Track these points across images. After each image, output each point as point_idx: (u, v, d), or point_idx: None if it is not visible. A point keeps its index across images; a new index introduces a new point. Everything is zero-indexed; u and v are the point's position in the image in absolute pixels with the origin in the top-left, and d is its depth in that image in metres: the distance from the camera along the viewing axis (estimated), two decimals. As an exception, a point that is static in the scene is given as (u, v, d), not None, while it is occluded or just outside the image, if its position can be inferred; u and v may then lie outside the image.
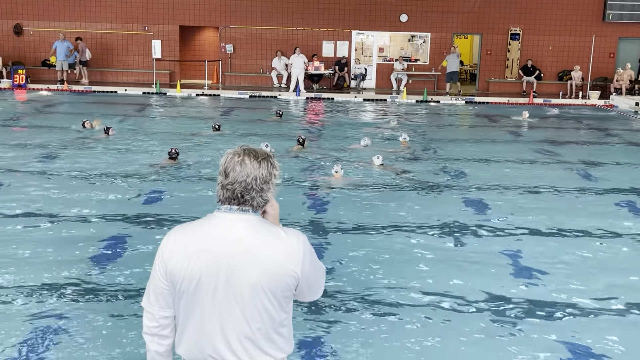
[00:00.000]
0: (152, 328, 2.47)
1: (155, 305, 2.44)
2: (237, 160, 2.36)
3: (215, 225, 2.38)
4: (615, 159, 12.11)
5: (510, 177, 10.21)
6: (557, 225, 7.74)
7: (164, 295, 2.42)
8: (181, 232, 2.43)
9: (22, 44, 23.30)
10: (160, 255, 2.41)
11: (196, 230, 2.41)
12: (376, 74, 23.74)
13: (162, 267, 2.39)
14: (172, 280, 2.38)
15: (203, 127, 14.50)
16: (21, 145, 11.84)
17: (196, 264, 2.34)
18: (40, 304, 5.31)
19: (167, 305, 2.43)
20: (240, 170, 2.34)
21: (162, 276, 2.40)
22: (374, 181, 9.69)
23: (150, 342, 2.49)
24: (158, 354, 2.50)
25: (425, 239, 7.20)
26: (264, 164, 2.37)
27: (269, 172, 2.38)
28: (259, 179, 2.35)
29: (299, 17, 23.14)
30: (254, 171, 2.34)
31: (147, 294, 2.47)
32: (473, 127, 16.64)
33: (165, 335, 2.48)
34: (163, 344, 2.48)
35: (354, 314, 5.28)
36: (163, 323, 2.46)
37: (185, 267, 2.34)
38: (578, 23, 23.06)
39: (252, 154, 2.38)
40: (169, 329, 2.47)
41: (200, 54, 24.53)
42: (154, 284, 2.44)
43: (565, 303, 5.56)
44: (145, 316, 2.48)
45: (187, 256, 2.35)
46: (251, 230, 2.35)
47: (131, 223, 7.37)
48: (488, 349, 4.77)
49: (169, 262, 2.37)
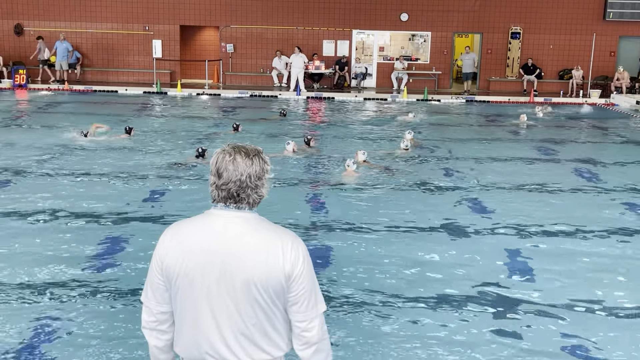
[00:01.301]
0: (150, 322, 2.49)
1: (153, 300, 2.46)
2: (229, 160, 2.35)
3: (211, 223, 2.38)
4: (616, 157, 12.11)
5: (512, 176, 10.20)
6: (560, 225, 7.74)
7: (161, 291, 2.44)
8: (177, 229, 2.44)
9: (23, 44, 23.30)
10: (157, 252, 2.43)
11: (192, 227, 2.42)
12: (377, 73, 23.74)
13: (158, 264, 2.41)
14: (168, 276, 2.39)
15: (223, 127, 14.56)
16: (24, 145, 11.85)
17: (191, 260, 2.35)
18: (44, 302, 5.32)
19: (164, 300, 2.45)
20: (234, 170, 2.34)
21: (158, 272, 2.42)
22: (380, 180, 9.69)
23: (149, 337, 2.51)
24: (157, 349, 2.52)
25: (428, 238, 7.20)
26: (256, 160, 2.37)
27: (262, 167, 2.38)
28: (252, 176, 2.35)
29: (300, 16, 23.14)
30: (247, 169, 2.34)
31: (146, 289, 2.49)
32: (472, 126, 16.62)
33: (163, 330, 2.49)
34: (162, 338, 2.50)
35: (355, 313, 5.28)
36: (160, 318, 2.47)
37: (180, 264, 2.36)
38: (579, 22, 23.04)
39: (242, 152, 2.37)
40: (167, 324, 2.49)
41: (200, 53, 24.53)
42: (151, 280, 2.46)
43: (567, 303, 5.57)
44: (143, 311, 2.50)
45: (183, 253, 2.36)
46: (247, 227, 2.36)
47: (153, 222, 7.40)
48: (491, 348, 4.77)
49: (165, 258, 2.39)
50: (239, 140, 12.71)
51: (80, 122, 14.15)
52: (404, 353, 4.68)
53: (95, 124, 13.35)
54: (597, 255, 6.80)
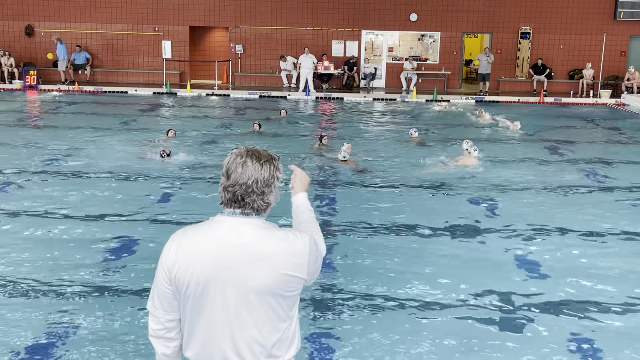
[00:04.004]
0: (157, 331, 2.45)
1: (160, 310, 2.42)
2: (239, 162, 2.31)
3: (219, 230, 2.34)
4: (627, 158, 12.03)
5: (520, 177, 10.16)
6: (563, 225, 7.71)
7: (169, 300, 2.40)
8: (184, 237, 2.39)
9: (34, 45, 23.43)
10: (164, 260, 2.38)
11: (200, 234, 2.37)
12: (386, 74, 23.71)
13: (166, 273, 2.36)
14: (177, 285, 2.35)
15: (245, 125, 14.62)
16: (34, 145, 11.92)
17: (201, 269, 2.30)
18: (51, 303, 5.34)
19: (172, 309, 2.41)
20: (242, 172, 2.30)
21: (166, 281, 2.37)
22: (379, 177, 9.68)
23: (157, 345, 2.47)
24: (165, 356, 2.48)
25: (432, 238, 7.18)
26: (266, 166, 2.33)
27: (271, 174, 2.34)
28: (260, 181, 2.31)
29: (309, 17, 23.14)
30: (255, 173, 2.30)
31: (152, 298, 2.44)
32: (475, 126, 16.55)
33: (171, 338, 2.46)
34: (170, 346, 2.46)
35: (357, 312, 5.28)
36: (168, 326, 2.44)
37: (191, 273, 2.31)
38: (589, 21, 22.91)
39: (254, 156, 2.33)
40: (175, 332, 2.45)
41: (210, 54, 24.57)
42: (158, 288, 2.41)
43: (572, 304, 5.54)
44: (150, 319, 2.46)
45: (192, 261, 2.31)
46: (256, 233, 2.32)
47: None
48: (496, 348, 4.75)
49: (173, 267, 2.34)
50: (259, 139, 12.77)
51: (94, 123, 14.19)
52: (407, 353, 4.67)
53: (170, 130, 12.84)
54: (605, 256, 6.76)
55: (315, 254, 2.41)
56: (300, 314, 4.72)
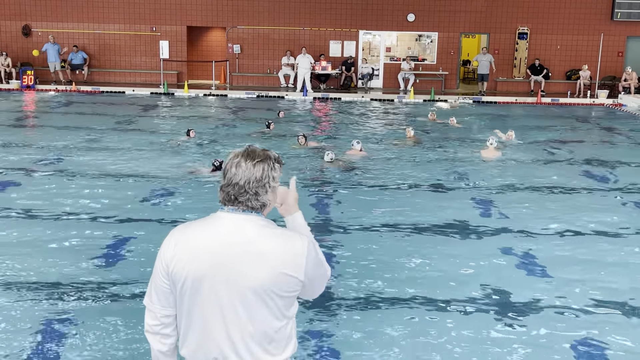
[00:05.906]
0: (153, 326, 2.45)
1: (157, 304, 2.43)
2: (235, 162, 2.33)
3: (218, 226, 2.35)
4: (624, 158, 12.05)
5: (518, 178, 10.17)
6: (563, 224, 7.72)
7: (166, 294, 2.40)
8: (183, 232, 2.40)
9: (31, 45, 23.36)
10: (162, 255, 2.39)
11: (198, 229, 2.38)
12: (383, 74, 23.72)
13: (164, 267, 2.37)
14: (174, 280, 2.36)
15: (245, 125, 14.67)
16: (33, 144, 11.90)
17: (199, 264, 2.31)
18: (51, 302, 5.33)
19: (168, 304, 2.42)
20: (235, 172, 2.31)
21: (164, 276, 2.38)
22: (382, 176, 9.68)
23: (153, 341, 2.48)
24: (161, 353, 2.48)
25: (432, 238, 7.19)
26: (259, 166, 2.32)
27: (265, 174, 2.33)
28: (252, 181, 2.31)
29: (306, 17, 23.14)
30: (248, 173, 2.30)
31: (149, 293, 2.45)
32: (473, 126, 16.57)
33: (167, 334, 2.46)
34: (166, 342, 2.47)
35: (357, 311, 5.28)
36: (165, 322, 2.44)
37: (188, 268, 2.32)
38: (586, 22, 22.95)
39: (250, 156, 2.34)
40: (171, 328, 2.46)
41: (207, 54, 24.55)
42: (155, 283, 2.42)
43: (573, 303, 5.55)
44: (147, 314, 2.47)
45: (189, 257, 2.33)
46: (255, 231, 2.33)
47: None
48: (496, 348, 4.76)
49: (171, 262, 2.35)
50: (260, 139, 12.77)
51: (92, 122, 14.15)
52: (409, 353, 4.67)
53: (191, 131, 12.86)
54: (607, 256, 6.77)
55: (315, 259, 2.40)
56: (300, 314, 4.73)
